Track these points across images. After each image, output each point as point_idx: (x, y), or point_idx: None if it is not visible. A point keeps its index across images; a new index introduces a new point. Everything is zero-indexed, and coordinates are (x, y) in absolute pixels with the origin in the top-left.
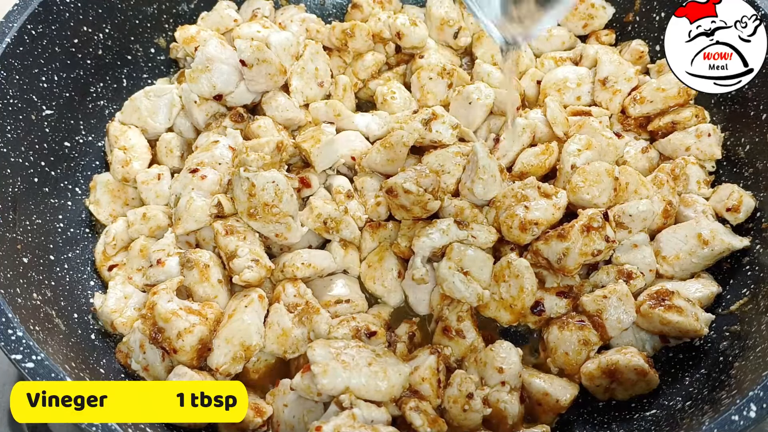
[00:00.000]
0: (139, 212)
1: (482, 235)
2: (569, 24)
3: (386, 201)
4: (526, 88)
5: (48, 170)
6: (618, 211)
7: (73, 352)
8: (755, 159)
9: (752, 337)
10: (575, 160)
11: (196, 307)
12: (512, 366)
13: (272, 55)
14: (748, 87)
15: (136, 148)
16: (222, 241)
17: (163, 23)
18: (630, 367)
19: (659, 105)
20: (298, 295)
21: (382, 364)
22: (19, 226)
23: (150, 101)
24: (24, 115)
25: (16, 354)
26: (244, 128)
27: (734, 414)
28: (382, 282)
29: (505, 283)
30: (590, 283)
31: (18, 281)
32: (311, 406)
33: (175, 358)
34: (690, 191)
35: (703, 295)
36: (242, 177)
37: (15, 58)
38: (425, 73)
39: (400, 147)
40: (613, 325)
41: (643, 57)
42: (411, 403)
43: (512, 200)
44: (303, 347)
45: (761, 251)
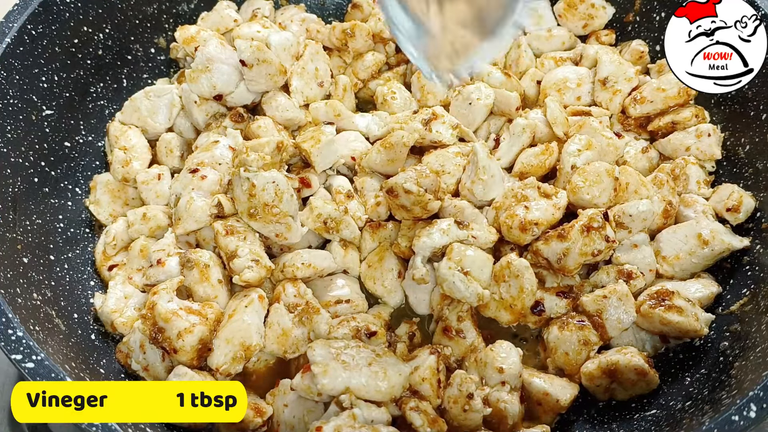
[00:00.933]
0: (139, 212)
1: (482, 235)
2: (569, 24)
3: (386, 201)
4: (526, 88)
5: (48, 170)
6: (618, 211)
7: (73, 352)
8: (755, 159)
9: (752, 337)
10: (575, 161)
11: (196, 307)
12: (512, 366)
13: (272, 56)
14: (748, 87)
15: (137, 148)
16: (222, 242)
17: (163, 23)
18: (630, 367)
19: (659, 105)
20: (299, 295)
21: (382, 364)
22: (19, 226)
23: (150, 101)
24: (24, 115)
25: (16, 354)
26: (244, 128)
27: (734, 414)
28: (382, 282)
29: (505, 283)
30: (590, 283)
31: (18, 281)
32: (311, 406)
33: (175, 358)
34: (690, 191)
35: (703, 295)
36: (242, 177)
37: (15, 58)
38: None
39: (400, 147)
40: (613, 325)
41: (643, 57)
42: (411, 403)
43: (512, 200)
44: (303, 347)
45: (761, 251)
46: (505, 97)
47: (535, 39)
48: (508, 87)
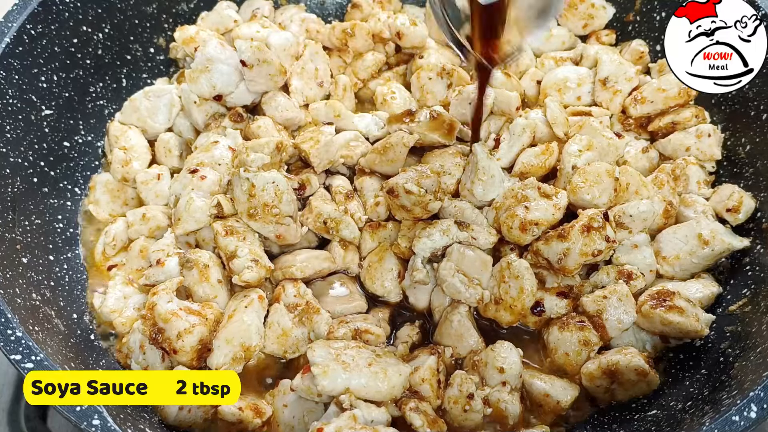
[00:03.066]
0: (139, 213)
1: (482, 236)
2: (569, 24)
3: (386, 201)
4: (526, 88)
5: (47, 170)
6: (618, 212)
7: (73, 352)
8: (755, 159)
9: (752, 338)
10: (576, 161)
11: (196, 308)
12: (513, 366)
13: (273, 56)
14: (748, 87)
15: (136, 148)
16: (222, 242)
17: (163, 23)
18: (630, 367)
19: (660, 105)
20: (299, 295)
21: (382, 364)
22: (19, 226)
23: (150, 101)
24: (23, 115)
25: (15, 354)
26: (243, 128)
27: (735, 414)
28: (382, 282)
29: (504, 284)
30: (590, 283)
31: (17, 281)
32: (311, 407)
33: (175, 358)
34: (690, 191)
35: (704, 296)
36: (242, 177)
37: (14, 58)
38: (425, 73)
39: (400, 148)
40: (613, 325)
41: (643, 57)
42: (411, 404)
43: (512, 201)
44: (303, 347)
45: (761, 251)
46: (505, 97)
47: (535, 39)
48: (508, 87)
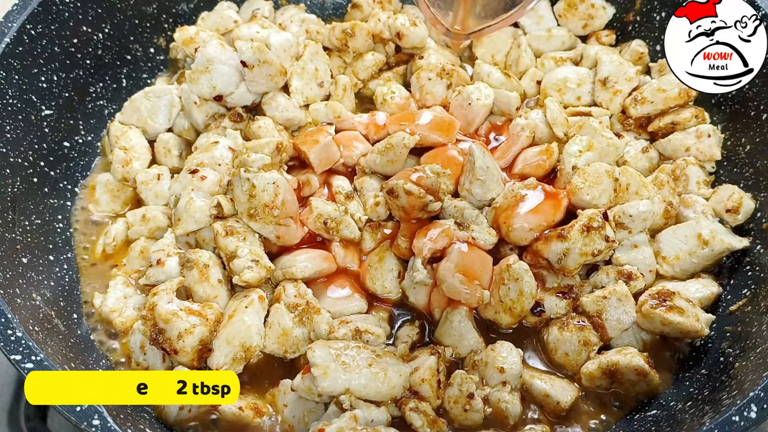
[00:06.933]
0: (139, 213)
1: (482, 236)
2: (569, 24)
3: (386, 201)
4: (526, 88)
5: (47, 170)
6: (618, 212)
7: (73, 352)
8: (755, 159)
9: (752, 338)
10: (576, 161)
11: (197, 308)
12: (513, 366)
13: (273, 56)
14: (748, 87)
15: (137, 148)
16: (222, 242)
17: (163, 23)
18: (630, 367)
19: (660, 106)
20: (299, 295)
21: (383, 364)
22: (19, 226)
23: (150, 102)
24: (23, 115)
25: (15, 354)
26: (243, 128)
27: (735, 414)
28: (382, 282)
29: (504, 286)
30: (590, 283)
31: (17, 281)
32: (311, 406)
33: (175, 359)
34: (690, 192)
35: (704, 296)
36: (242, 178)
37: (14, 58)
38: (425, 74)
39: (401, 148)
40: (613, 325)
41: (642, 57)
42: (411, 404)
43: (512, 200)
44: (303, 347)
45: (761, 251)
46: (505, 97)
47: (535, 39)
48: (508, 87)
